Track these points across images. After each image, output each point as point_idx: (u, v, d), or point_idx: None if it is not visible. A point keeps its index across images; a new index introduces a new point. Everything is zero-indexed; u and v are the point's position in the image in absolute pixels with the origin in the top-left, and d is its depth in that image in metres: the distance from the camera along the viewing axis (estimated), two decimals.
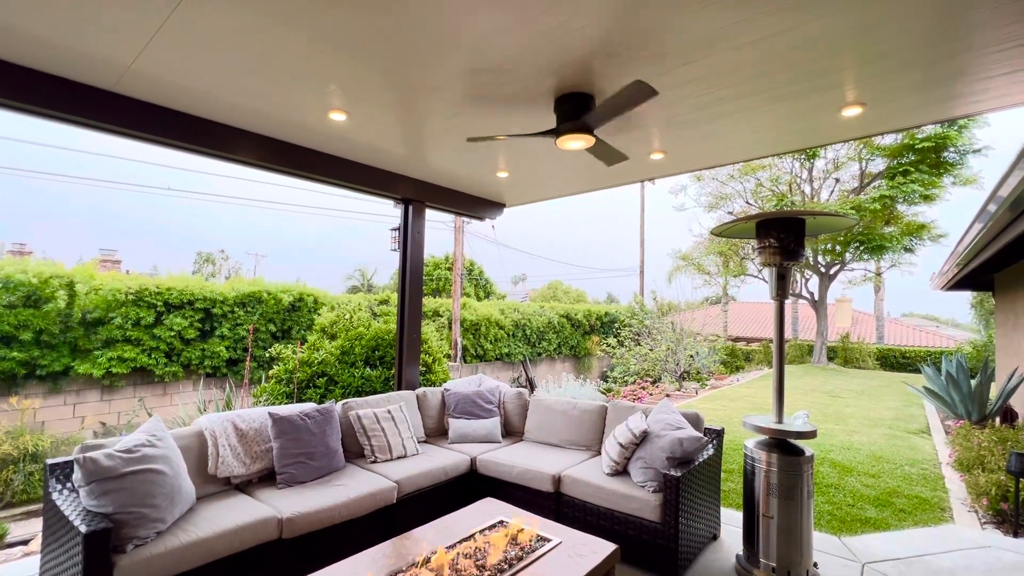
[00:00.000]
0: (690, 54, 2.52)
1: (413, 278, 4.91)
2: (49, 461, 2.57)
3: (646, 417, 3.56)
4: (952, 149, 14.67)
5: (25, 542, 5.10)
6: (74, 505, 2.38)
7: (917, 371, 16.82)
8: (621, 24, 2.26)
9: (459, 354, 13.77)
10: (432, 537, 2.48)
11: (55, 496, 2.46)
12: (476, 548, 2.35)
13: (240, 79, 2.84)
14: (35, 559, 2.93)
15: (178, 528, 2.50)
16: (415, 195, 4.83)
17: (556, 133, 2.98)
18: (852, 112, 3.16)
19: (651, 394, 11.82)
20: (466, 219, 15.66)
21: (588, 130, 2.92)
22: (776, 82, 2.80)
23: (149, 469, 2.48)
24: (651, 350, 14.16)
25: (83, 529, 2.13)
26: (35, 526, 5.68)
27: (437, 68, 2.68)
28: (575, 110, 2.91)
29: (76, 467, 2.35)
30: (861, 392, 11.89)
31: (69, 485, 2.56)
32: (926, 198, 15.21)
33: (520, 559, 2.27)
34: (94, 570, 2.12)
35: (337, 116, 3.31)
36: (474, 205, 5.48)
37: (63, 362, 7.86)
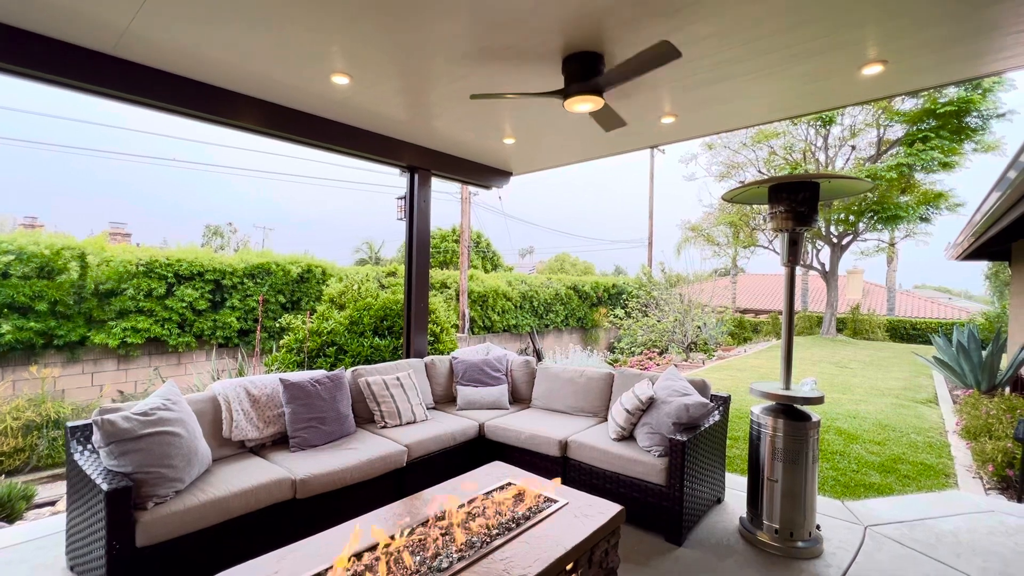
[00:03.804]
0: (702, 10, 2.41)
1: (420, 247, 4.90)
2: (69, 424, 2.64)
3: (653, 384, 3.58)
4: (975, 114, 14.13)
5: (52, 503, 5.32)
6: (95, 465, 2.45)
7: (927, 342, 16.71)
8: None
9: (467, 325, 13.85)
10: (442, 497, 2.54)
11: (77, 457, 2.54)
12: (485, 507, 2.40)
13: (239, 41, 2.77)
14: (62, 517, 3.05)
15: (196, 488, 2.58)
16: (421, 163, 4.77)
17: (564, 94, 2.90)
18: (872, 71, 3.04)
19: (658, 364, 11.88)
20: (473, 189, 15.50)
21: (598, 91, 2.83)
22: (793, 39, 2.68)
23: (166, 431, 2.55)
24: (658, 321, 14.17)
25: (105, 487, 2.20)
26: (60, 489, 5.90)
27: (442, 25, 2.59)
28: (583, 70, 2.82)
29: (95, 429, 2.42)
30: (869, 363, 11.86)
31: (90, 447, 2.64)
32: (945, 166, 14.77)
33: (528, 518, 2.32)
34: (117, 525, 2.20)
35: (340, 79, 3.24)
36: (480, 173, 5.40)
37: (79, 332, 8.03)
